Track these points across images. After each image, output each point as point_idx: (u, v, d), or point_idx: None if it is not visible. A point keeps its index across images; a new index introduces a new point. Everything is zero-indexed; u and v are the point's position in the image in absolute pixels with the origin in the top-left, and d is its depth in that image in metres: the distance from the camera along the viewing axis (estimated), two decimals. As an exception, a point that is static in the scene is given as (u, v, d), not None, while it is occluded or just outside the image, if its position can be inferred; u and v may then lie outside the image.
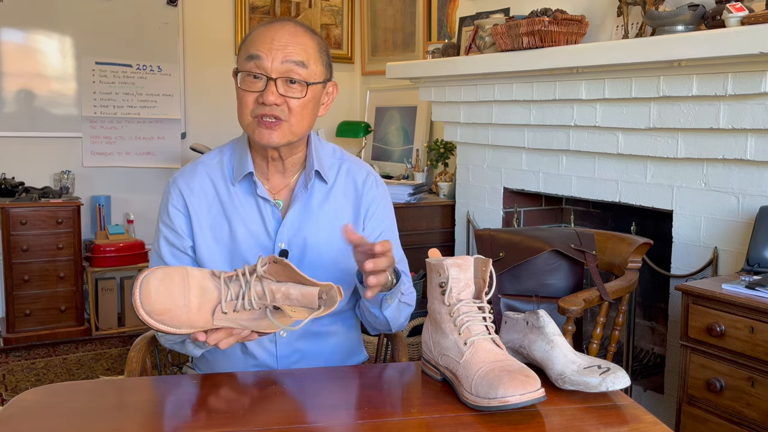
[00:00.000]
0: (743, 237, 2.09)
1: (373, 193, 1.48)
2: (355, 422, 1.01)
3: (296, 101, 1.31)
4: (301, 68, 1.30)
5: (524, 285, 2.07)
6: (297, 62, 1.30)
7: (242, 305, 1.08)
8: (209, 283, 1.08)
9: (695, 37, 2.02)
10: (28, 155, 3.94)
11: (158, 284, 1.05)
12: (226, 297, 1.08)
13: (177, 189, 1.42)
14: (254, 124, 1.32)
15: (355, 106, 4.90)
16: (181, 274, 1.07)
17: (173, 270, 1.08)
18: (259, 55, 1.29)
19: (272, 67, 1.29)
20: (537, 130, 2.77)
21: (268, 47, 1.29)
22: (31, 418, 1.03)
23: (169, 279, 1.06)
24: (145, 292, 1.04)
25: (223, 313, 1.08)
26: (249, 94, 1.31)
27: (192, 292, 1.06)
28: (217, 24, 4.41)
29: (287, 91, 1.30)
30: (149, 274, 1.06)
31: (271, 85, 1.29)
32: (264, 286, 1.08)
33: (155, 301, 1.05)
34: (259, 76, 1.30)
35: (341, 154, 1.51)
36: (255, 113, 1.31)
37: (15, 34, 3.85)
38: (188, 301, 1.06)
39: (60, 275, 3.69)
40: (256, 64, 1.29)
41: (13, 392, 3.08)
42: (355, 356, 1.54)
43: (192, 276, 1.08)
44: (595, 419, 1.02)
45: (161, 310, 1.05)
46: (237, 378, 1.22)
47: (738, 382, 1.73)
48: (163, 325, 1.06)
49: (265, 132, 1.32)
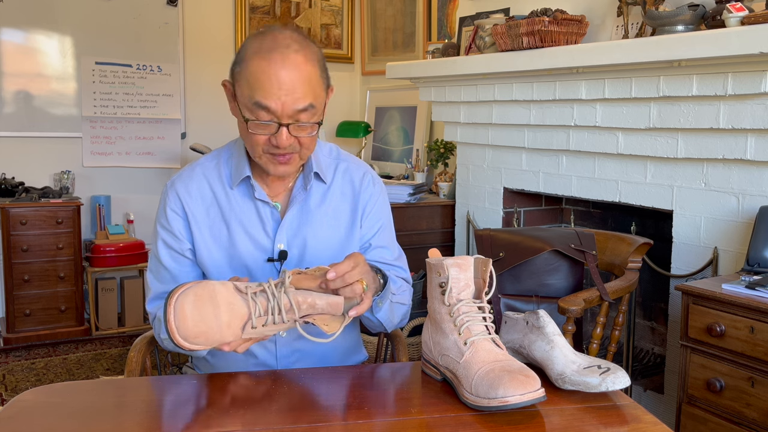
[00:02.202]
0: (743, 237, 2.09)
1: (371, 191, 1.48)
2: (355, 422, 1.01)
3: (307, 138, 1.31)
4: (311, 110, 1.29)
5: (524, 285, 2.07)
6: (306, 107, 1.27)
7: (272, 320, 1.09)
8: (236, 298, 1.09)
9: (695, 37, 2.02)
10: (28, 155, 3.94)
11: (192, 308, 1.05)
12: (256, 312, 1.09)
13: (175, 192, 1.42)
14: (267, 158, 1.33)
15: (355, 106, 4.90)
16: (209, 293, 1.07)
17: (201, 289, 1.07)
18: (267, 105, 1.25)
19: (282, 113, 1.26)
20: (537, 130, 2.77)
21: (276, 95, 1.25)
22: (31, 418, 1.03)
23: (200, 301, 1.06)
24: (181, 318, 1.04)
25: (253, 329, 1.09)
26: (260, 137, 1.30)
27: (221, 309, 1.07)
28: (217, 24, 4.41)
29: (299, 132, 1.30)
30: (181, 298, 1.05)
31: (282, 130, 1.27)
32: (290, 298, 1.10)
33: (191, 325, 1.05)
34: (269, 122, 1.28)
35: (338, 153, 1.51)
36: (267, 151, 1.31)
37: (15, 34, 3.85)
38: (220, 321, 1.07)
39: (60, 275, 3.69)
40: (266, 113, 1.26)
41: (13, 392, 3.08)
42: (355, 355, 1.54)
43: (219, 293, 1.08)
44: (595, 419, 1.02)
45: (196, 334, 1.05)
46: (237, 378, 1.21)
47: (738, 382, 1.73)
48: (198, 346, 1.07)
49: (280, 167, 1.33)
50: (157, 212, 1.45)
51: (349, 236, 1.45)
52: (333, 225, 1.43)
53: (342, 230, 1.45)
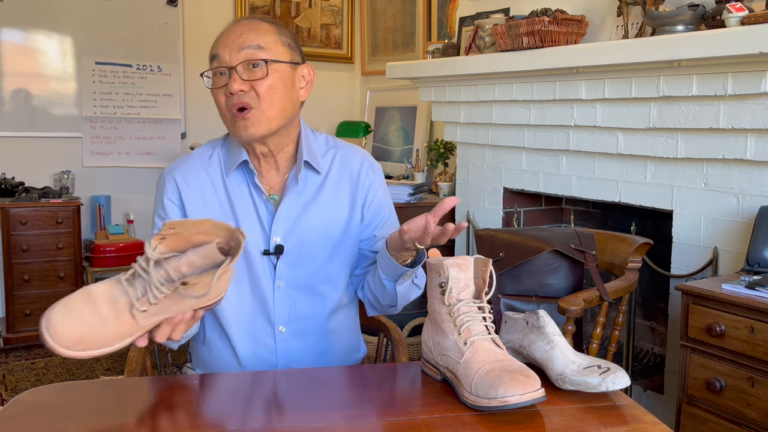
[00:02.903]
0: (743, 237, 2.09)
1: (370, 179, 1.49)
2: (356, 422, 1.01)
3: (261, 84, 1.31)
4: (259, 51, 1.32)
5: (524, 285, 2.07)
6: (253, 46, 1.31)
7: (154, 296, 1.03)
8: (115, 290, 1.04)
9: (695, 37, 2.01)
10: (28, 155, 3.94)
11: (62, 318, 1.01)
12: (135, 296, 1.03)
13: (173, 180, 1.42)
14: (231, 120, 1.33)
15: (355, 106, 4.90)
16: (82, 298, 1.03)
17: (74, 298, 1.04)
18: (218, 54, 1.32)
19: (230, 58, 1.31)
20: (537, 130, 2.77)
21: (224, 43, 1.32)
22: (31, 418, 1.03)
23: (71, 307, 1.02)
24: (53, 331, 1.00)
25: (143, 311, 1.03)
26: (218, 91, 1.33)
27: (101, 307, 1.02)
28: (217, 24, 4.36)
29: (250, 76, 1.31)
30: (50, 311, 1.01)
31: (233, 74, 1.30)
32: (166, 268, 1.03)
33: (66, 334, 1.00)
34: (223, 72, 1.32)
35: (334, 142, 1.51)
36: (228, 107, 1.32)
37: (15, 34, 3.85)
38: (102, 318, 1.02)
39: (60, 275, 3.69)
40: (218, 62, 1.32)
41: (13, 392, 3.08)
42: (355, 351, 1.54)
43: (95, 293, 1.04)
44: (595, 419, 1.02)
45: (77, 339, 1.01)
46: (237, 378, 1.22)
47: (738, 382, 1.73)
48: (89, 351, 1.02)
49: (241, 124, 1.32)
50: (155, 201, 1.45)
51: (348, 225, 1.45)
52: (330, 215, 1.43)
53: (340, 220, 1.44)
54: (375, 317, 1.66)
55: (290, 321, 1.41)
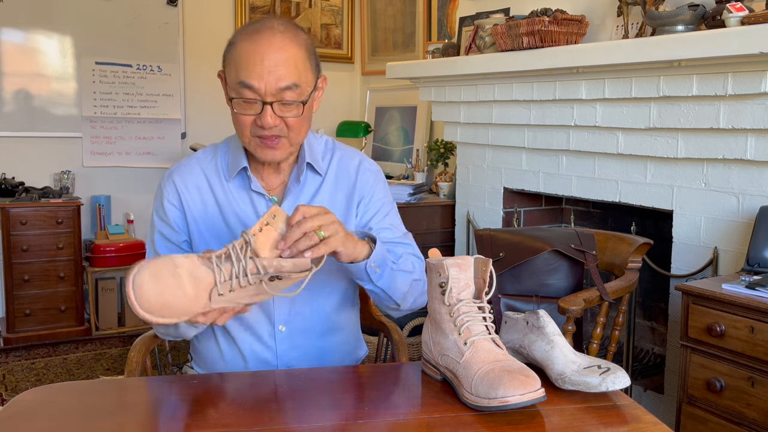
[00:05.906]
0: (743, 237, 2.09)
1: (366, 178, 1.48)
2: (356, 422, 1.01)
3: (293, 119, 1.31)
4: (295, 89, 1.29)
5: (524, 285, 2.07)
6: (290, 86, 1.28)
7: (238, 284, 1.07)
8: (200, 268, 1.08)
9: (695, 37, 2.02)
10: (28, 155, 3.94)
11: (151, 281, 1.04)
12: (221, 279, 1.07)
13: (172, 184, 1.43)
14: (255, 142, 1.33)
15: (355, 106, 4.90)
16: (168, 267, 1.06)
17: (161, 263, 1.07)
18: (250, 83, 1.27)
19: (266, 92, 1.27)
20: (537, 130, 2.77)
21: (258, 73, 1.26)
22: (31, 418, 1.03)
23: (159, 274, 1.05)
24: (140, 291, 1.04)
25: (220, 295, 1.07)
26: (246, 117, 1.31)
27: (184, 280, 1.06)
28: (217, 24, 4.41)
29: (283, 112, 1.30)
30: (138, 273, 1.05)
31: (267, 109, 1.28)
32: (256, 263, 1.08)
33: (152, 300, 1.04)
34: (254, 101, 1.29)
35: (333, 144, 1.51)
36: (254, 134, 1.32)
37: (15, 34, 3.85)
38: (184, 291, 1.06)
39: (60, 275, 3.69)
40: (252, 93, 1.28)
41: (13, 392, 3.08)
42: (356, 351, 1.54)
43: (181, 265, 1.07)
44: (595, 419, 1.02)
45: (160, 305, 1.05)
46: (237, 378, 1.22)
47: (738, 382, 1.73)
48: (164, 319, 1.06)
49: (268, 151, 1.33)
50: (154, 204, 1.46)
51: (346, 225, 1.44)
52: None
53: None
54: (375, 317, 1.67)
55: (290, 320, 1.41)
